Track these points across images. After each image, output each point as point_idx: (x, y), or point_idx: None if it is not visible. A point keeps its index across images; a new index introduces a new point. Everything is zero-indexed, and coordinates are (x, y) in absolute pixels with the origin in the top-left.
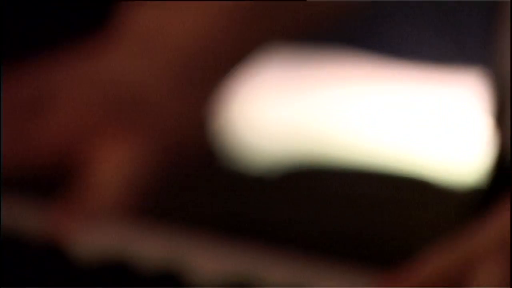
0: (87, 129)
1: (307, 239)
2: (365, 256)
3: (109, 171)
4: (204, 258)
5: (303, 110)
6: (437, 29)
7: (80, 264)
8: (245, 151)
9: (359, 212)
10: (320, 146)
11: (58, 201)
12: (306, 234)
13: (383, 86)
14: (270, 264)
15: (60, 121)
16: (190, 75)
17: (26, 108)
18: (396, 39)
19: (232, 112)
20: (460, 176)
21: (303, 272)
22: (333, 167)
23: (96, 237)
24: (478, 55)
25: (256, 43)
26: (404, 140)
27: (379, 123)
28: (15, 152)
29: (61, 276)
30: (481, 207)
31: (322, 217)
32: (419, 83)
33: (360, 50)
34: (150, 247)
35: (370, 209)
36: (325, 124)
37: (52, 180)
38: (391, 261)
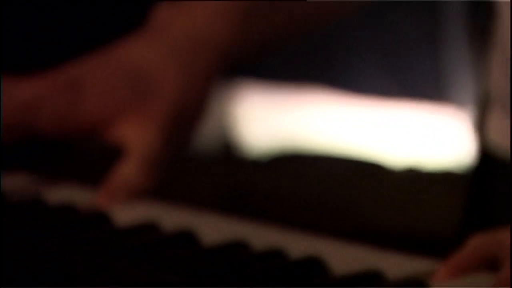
0: (113, 109)
1: (289, 208)
2: (336, 222)
3: (133, 150)
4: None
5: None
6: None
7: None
8: (243, 139)
9: (331, 187)
10: (298, 141)
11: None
12: (288, 204)
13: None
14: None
15: (92, 101)
16: (198, 65)
17: (65, 89)
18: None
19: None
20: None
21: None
22: (309, 154)
23: (126, 209)
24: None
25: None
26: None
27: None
28: (58, 127)
29: (103, 235)
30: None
31: (301, 190)
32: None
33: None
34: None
35: (339, 185)
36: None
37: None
38: (359, 227)
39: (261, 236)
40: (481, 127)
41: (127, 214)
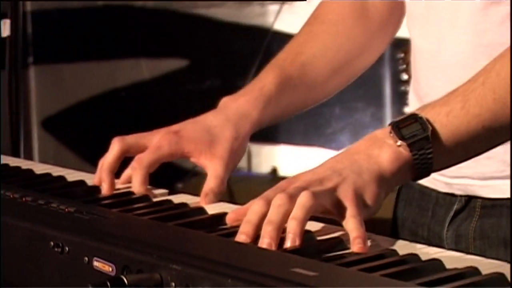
0: (199, 148)
1: None
2: None
3: (212, 172)
4: None
5: None
6: None
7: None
8: None
9: None
10: None
11: None
12: None
13: None
14: None
15: (188, 143)
16: (241, 128)
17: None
18: None
19: None
20: None
21: None
22: None
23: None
24: None
25: None
26: None
27: None
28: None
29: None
30: None
31: None
32: None
33: None
34: None
35: None
36: None
37: None
38: None
39: None
40: None
41: (212, 207)
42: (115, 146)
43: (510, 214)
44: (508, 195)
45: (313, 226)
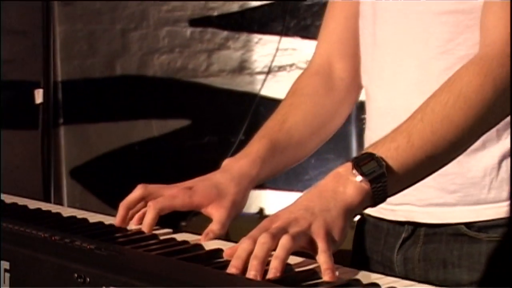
0: (207, 200)
1: None
2: None
3: (216, 218)
4: None
5: None
6: None
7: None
8: None
9: None
10: None
11: None
12: None
13: None
14: None
15: (199, 196)
16: (242, 185)
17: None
18: None
19: None
20: None
21: None
22: None
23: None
24: None
25: None
26: None
27: None
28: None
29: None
30: None
31: None
32: None
33: None
34: None
35: None
36: None
37: None
38: None
39: None
40: None
41: (209, 244)
42: (138, 190)
43: (510, 231)
44: (445, 221)
45: (292, 259)
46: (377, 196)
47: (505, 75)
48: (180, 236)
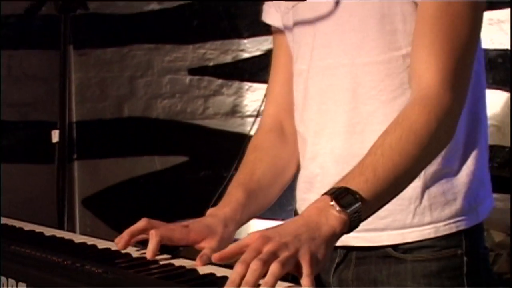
0: (200, 236)
1: None
2: None
3: (207, 249)
4: None
5: None
6: None
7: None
8: None
9: None
10: None
11: None
12: None
13: None
14: None
15: (194, 233)
16: (228, 227)
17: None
18: None
19: None
20: None
21: None
22: None
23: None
24: None
25: None
26: None
27: None
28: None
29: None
30: None
31: None
32: None
33: None
34: None
35: None
36: None
37: None
38: None
39: None
40: None
41: (204, 269)
42: (142, 222)
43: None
44: (375, 245)
45: (279, 284)
46: (354, 223)
47: (444, 111)
48: (177, 262)
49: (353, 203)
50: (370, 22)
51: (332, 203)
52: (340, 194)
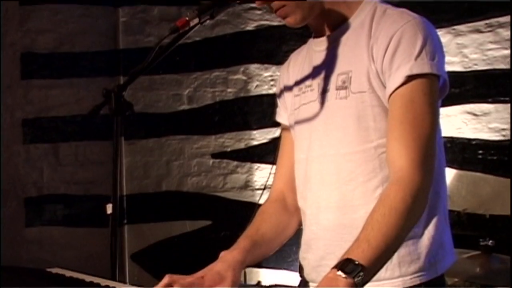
0: (214, 282)
1: None
2: None
3: None
4: None
5: None
6: None
7: None
8: None
9: None
10: None
11: None
12: None
13: None
14: None
15: (207, 280)
16: (236, 271)
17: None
18: None
19: None
20: None
21: None
22: None
23: None
24: None
25: None
26: None
27: None
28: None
29: None
30: None
31: None
32: None
33: None
34: None
35: None
36: None
37: None
38: None
39: None
40: None
41: None
42: (165, 278)
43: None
44: None
45: None
46: (360, 284)
47: (416, 187)
48: None
49: (355, 269)
50: (349, 121)
51: (339, 272)
52: (343, 264)
